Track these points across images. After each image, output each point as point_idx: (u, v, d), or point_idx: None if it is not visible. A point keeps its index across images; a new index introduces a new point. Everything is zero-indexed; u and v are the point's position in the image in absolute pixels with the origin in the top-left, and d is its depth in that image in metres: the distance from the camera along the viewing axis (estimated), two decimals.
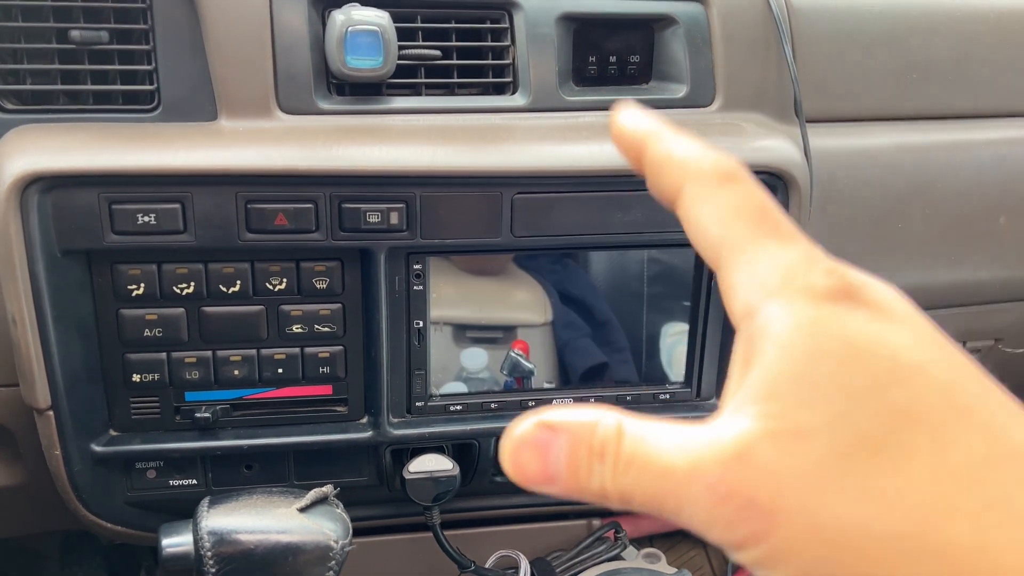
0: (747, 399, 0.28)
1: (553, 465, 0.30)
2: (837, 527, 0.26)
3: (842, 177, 0.94)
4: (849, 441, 0.26)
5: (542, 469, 0.30)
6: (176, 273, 0.79)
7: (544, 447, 0.30)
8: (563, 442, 0.30)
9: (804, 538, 0.26)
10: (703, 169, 0.32)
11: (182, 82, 0.79)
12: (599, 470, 0.30)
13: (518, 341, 0.92)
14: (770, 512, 0.27)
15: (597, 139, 0.81)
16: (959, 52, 0.98)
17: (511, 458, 0.31)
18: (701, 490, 0.27)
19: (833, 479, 0.26)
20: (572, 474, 0.30)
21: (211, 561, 0.69)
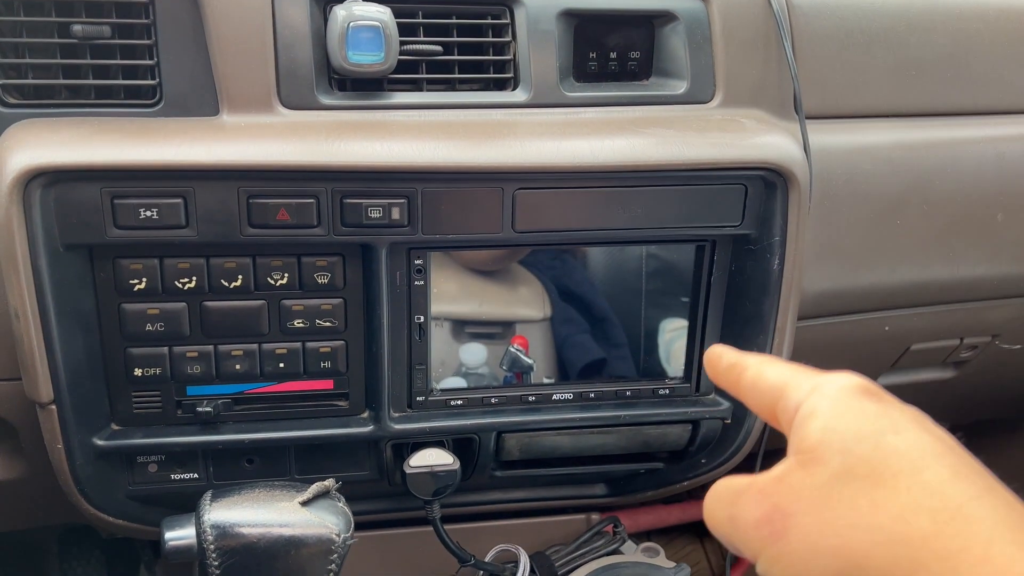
0: (792, 451, 0.41)
1: None
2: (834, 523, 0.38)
3: (841, 174, 0.94)
4: (840, 473, 0.39)
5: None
6: (178, 268, 0.80)
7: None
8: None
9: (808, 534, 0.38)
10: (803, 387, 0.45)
11: (184, 77, 0.79)
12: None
13: (517, 336, 0.92)
14: (789, 514, 0.39)
15: (598, 135, 0.82)
16: (957, 49, 0.98)
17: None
18: (751, 500, 0.41)
19: (829, 495, 0.39)
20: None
21: (214, 554, 0.70)
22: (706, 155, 0.82)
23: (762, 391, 0.46)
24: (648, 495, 1.10)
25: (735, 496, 0.42)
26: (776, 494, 0.40)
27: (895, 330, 1.08)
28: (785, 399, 0.44)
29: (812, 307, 1.00)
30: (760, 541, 0.40)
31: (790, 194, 0.84)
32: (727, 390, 0.50)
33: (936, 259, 1.02)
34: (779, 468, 0.41)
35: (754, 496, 0.40)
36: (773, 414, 0.46)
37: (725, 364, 0.50)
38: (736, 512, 0.41)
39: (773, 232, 0.86)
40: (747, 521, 0.40)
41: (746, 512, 0.40)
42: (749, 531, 0.40)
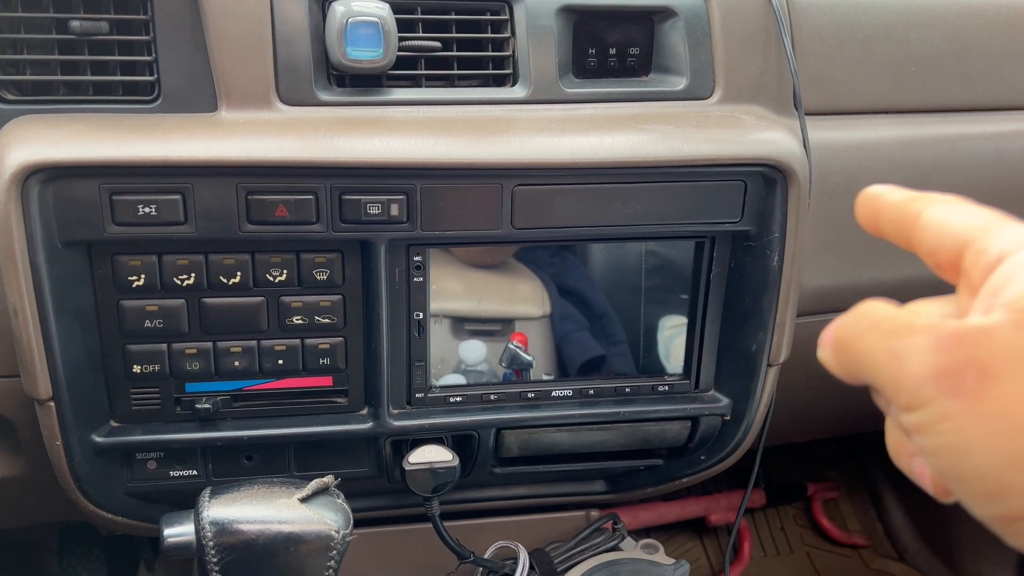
0: (999, 305, 0.34)
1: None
2: None
3: (840, 170, 0.94)
4: None
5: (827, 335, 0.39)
6: (177, 264, 0.79)
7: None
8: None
9: (1008, 402, 0.32)
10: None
11: (182, 73, 0.79)
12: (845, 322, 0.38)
13: (517, 333, 0.92)
14: (991, 374, 0.32)
15: (597, 131, 0.81)
16: (957, 45, 0.98)
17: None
18: (930, 341, 0.34)
19: None
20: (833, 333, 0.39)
21: (213, 551, 0.70)
22: (705, 151, 0.82)
23: (947, 232, 0.39)
24: (647, 492, 1.10)
25: (904, 329, 0.35)
26: (976, 346, 0.33)
27: None
28: (982, 243, 0.37)
29: (812, 303, 1.00)
30: (937, 391, 0.33)
31: (789, 190, 0.84)
32: (889, 233, 0.42)
33: None
34: (977, 319, 0.34)
35: (941, 340, 0.33)
36: (952, 262, 0.39)
37: (894, 201, 0.42)
38: (906, 349, 0.34)
39: (772, 228, 0.86)
40: (924, 364, 0.33)
41: (924, 355, 0.33)
42: (923, 376, 0.33)
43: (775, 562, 1.68)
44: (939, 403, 0.33)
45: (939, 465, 0.34)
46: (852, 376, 0.38)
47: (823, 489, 1.74)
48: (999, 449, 0.32)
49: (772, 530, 1.72)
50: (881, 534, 1.74)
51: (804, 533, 1.72)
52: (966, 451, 0.33)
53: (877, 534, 1.74)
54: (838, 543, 1.70)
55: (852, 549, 1.70)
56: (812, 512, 1.72)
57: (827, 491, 1.75)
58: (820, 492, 1.73)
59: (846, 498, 1.78)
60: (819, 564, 1.68)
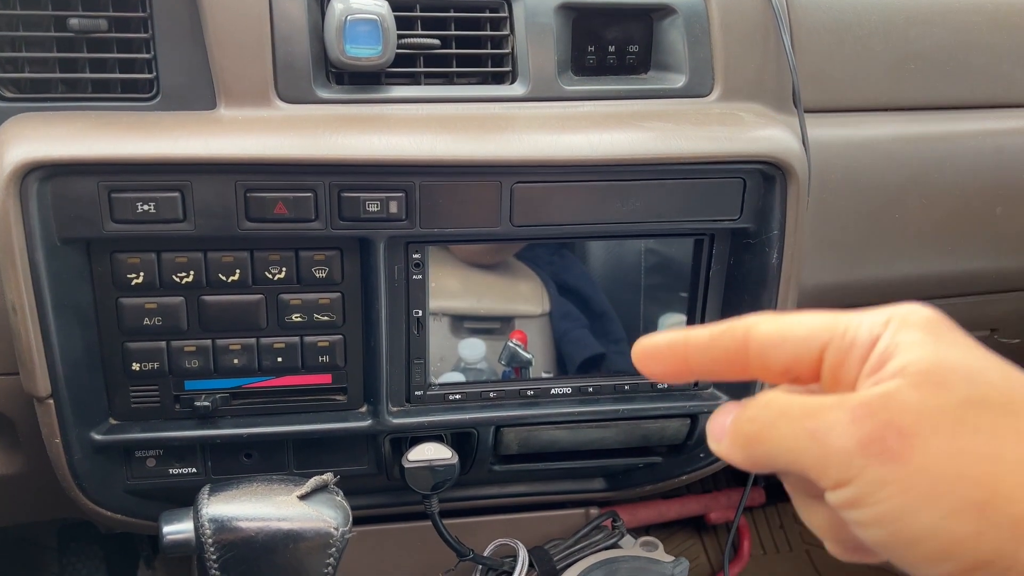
0: (888, 375, 0.35)
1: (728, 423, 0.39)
2: (972, 450, 0.33)
3: (840, 167, 0.94)
4: (969, 399, 0.34)
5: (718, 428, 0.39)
6: (175, 262, 0.79)
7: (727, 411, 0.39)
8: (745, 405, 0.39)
9: (939, 459, 0.33)
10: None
11: (181, 71, 0.79)
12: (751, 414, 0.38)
13: (516, 331, 0.92)
14: (905, 437, 0.33)
15: (596, 128, 0.81)
16: (956, 42, 0.98)
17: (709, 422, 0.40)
18: (843, 415, 0.34)
19: (962, 419, 0.33)
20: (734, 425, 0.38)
21: (212, 548, 0.70)
22: (704, 149, 0.82)
23: (798, 344, 0.38)
24: (647, 489, 1.10)
25: (816, 409, 0.35)
26: (887, 411, 0.34)
27: None
28: (845, 338, 0.37)
29: (810, 301, 1.00)
30: (865, 460, 0.33)
31: (788, 188, 0.84)
32: (711, 370, 0.41)
33: (934, 253, 1.01)
34: (879, 389, 0.35)
35: (855, 410, 0.34)
36: (812, 368, 0.38)
37: (701, 340, 0.41)
38: (824, 427, 0.35)
39: (772, 226, 0.86)
40: (845, 437, 0.34)
41: (843, 427, 0.34)
42: (848, 449, 0.34)
43: (774, 560, 1.68)
44: (870, 472, 0.33)
45: (882, 535, 0.34)
46: (763, 466, 0.37)
47: None
48: (942, 503, 0.32)
49: (772, 528, 1.72)
50: None
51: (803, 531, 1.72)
52: (911, 513, 0.33)
53: None
54: None
55: None
56: None
57: None
58: None
59: None
60: (819, 562, 1.68)
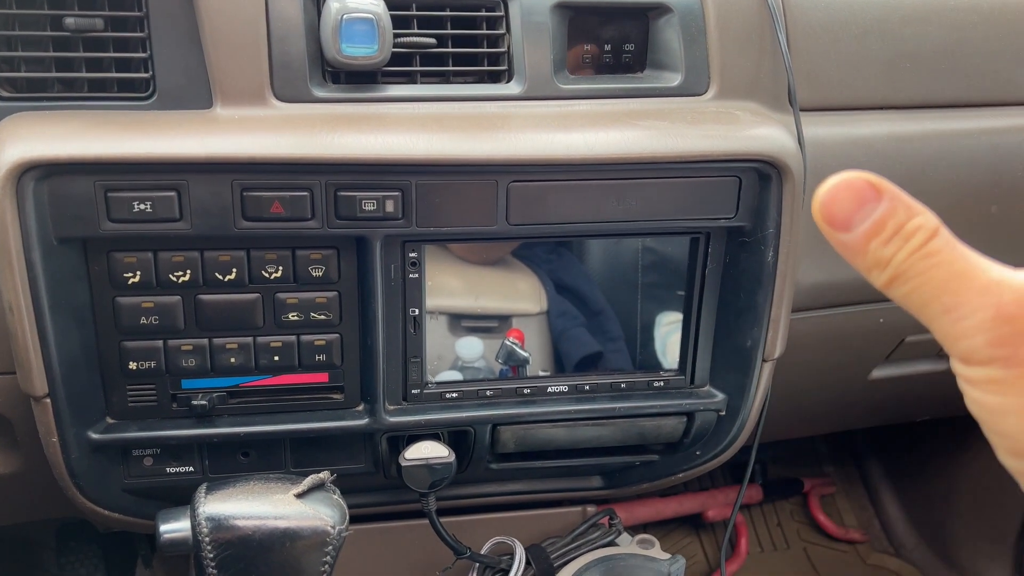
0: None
1: (859, 217, 0.34)
2: None
3: (835, 166, 0.94)
4: None
5: (847, 216, 0.34)
6: (172, 261, 0.79)
7: (863, 199, 0.34)
8: (882, 206, 0.34)
9: None
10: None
11: (177, 70, 0.79)
12: (897, 245, 0.34)
13: (513, 330, 0.92)
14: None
15: (592, 127, 0.82)
16: (952, 41, 0.98)
17: (827, 194, 0.35)
18: (989, 305, 0.32)
19: None
20: (869, 234, 0.34)
21: (209, 547, 0.70)
22: (700, 147, 0.82)
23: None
24: (643, 487, 1.10)
25: (963, 286, 0.33)
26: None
27: (889, 322, 1.09)
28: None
29: (806, 299, 1.00)
30: (992, 358, 0.32)
31: (784, 186, 0.85)
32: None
33: None
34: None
35: (998, 310, 0.32)
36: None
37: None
38: (963, 311, 0.32)
39: (767, 224, 0.86)
40: (980, 332, 0.32)
41: (979, 321, 0.32)
42: (980, 342, 0.32)
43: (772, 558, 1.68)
44: (990, 369, 0.33)
45: (976, 410, 0.35)
46: (888, 292, 0.35)
47: (819, 485, 1.74)
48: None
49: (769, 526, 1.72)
50: (878, 529, 1.75)
51: (801, 528, 1.73)
52: (1001, 413, 0.33)
53: (874, 529, 1.75)
54: (835, 538, 1.71)
55: (849, 544, 1.71)
56: (809, 508, 1.73)
57: (823, 487, 1.75)
58: (816, 488, 1.74)
59: (843, 494, 1.79)
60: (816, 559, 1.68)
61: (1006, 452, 0.35)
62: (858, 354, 1.15)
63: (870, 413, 1.40)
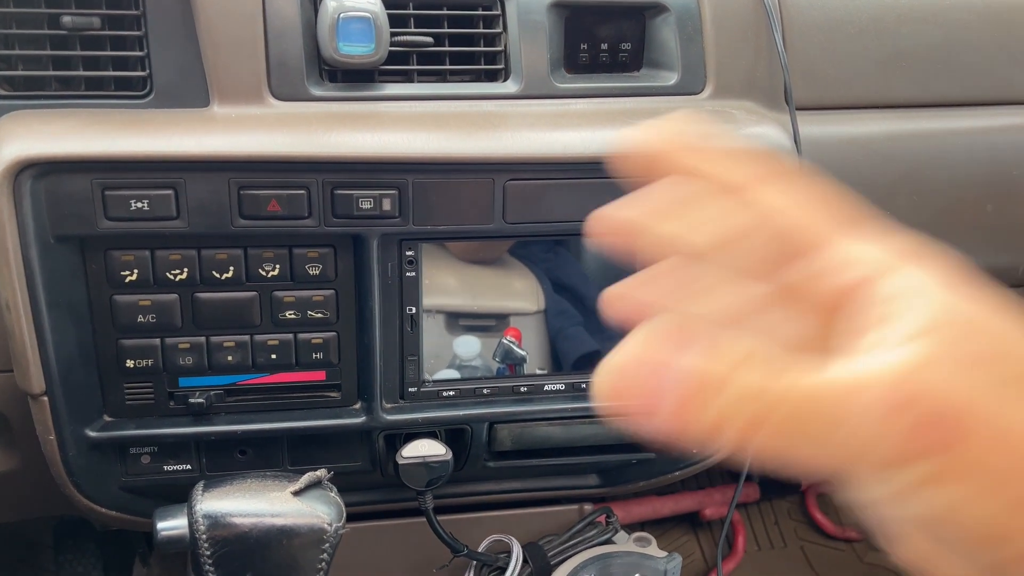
0: (906, 337, 0.28)
1: (658, 394, 0.28)
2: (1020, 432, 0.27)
3: (831, 165, 0.94)
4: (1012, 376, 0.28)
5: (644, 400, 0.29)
6: (169, 259, 0.80)
7: (654, 373, 0.29)
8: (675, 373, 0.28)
9: (999, 443, 0.27)
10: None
11: (174, 68, 0.79)
12: (717, 400, 0.28)
13: (510, 328, 0.92)
14: (958, 419, 0.27)
15: (588, 126, 0.82)
16: (948, 40, 0.99)
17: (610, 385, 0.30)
18: (870, 401, 0.27)
19: (1012, 399, 0.27)
20: (680, 405, 0.28)
21: (206, 544, 0.70)
22: None
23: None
24: (640, 485, 1.10)
25: (846, 397, 0.27)
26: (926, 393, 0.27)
27: None
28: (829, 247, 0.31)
29: None
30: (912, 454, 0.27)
31: None
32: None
33: None
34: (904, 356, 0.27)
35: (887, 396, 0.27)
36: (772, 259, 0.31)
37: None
38: (851, 419, 0.27)
39: None
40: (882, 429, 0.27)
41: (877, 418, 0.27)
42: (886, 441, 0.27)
43: (769, 556, 1.68)
44: (916, 466, 0.27)
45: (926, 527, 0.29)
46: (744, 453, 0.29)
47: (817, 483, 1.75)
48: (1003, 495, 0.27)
49: (766, 524, 1.73)
50: None
51: (798, 527, 1.73)
52: (967, 506, 0.28)
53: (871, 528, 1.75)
54: (832, 537, 1.71)
55: (846, 543, 1.71)
56: (806, 506, 1.73)
57: (821, 485, 1.75)
58: (814, 486, 1.74)
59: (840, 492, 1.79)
60: (813, 558, 1.68)
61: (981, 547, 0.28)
62: None
63: None
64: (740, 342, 0.29)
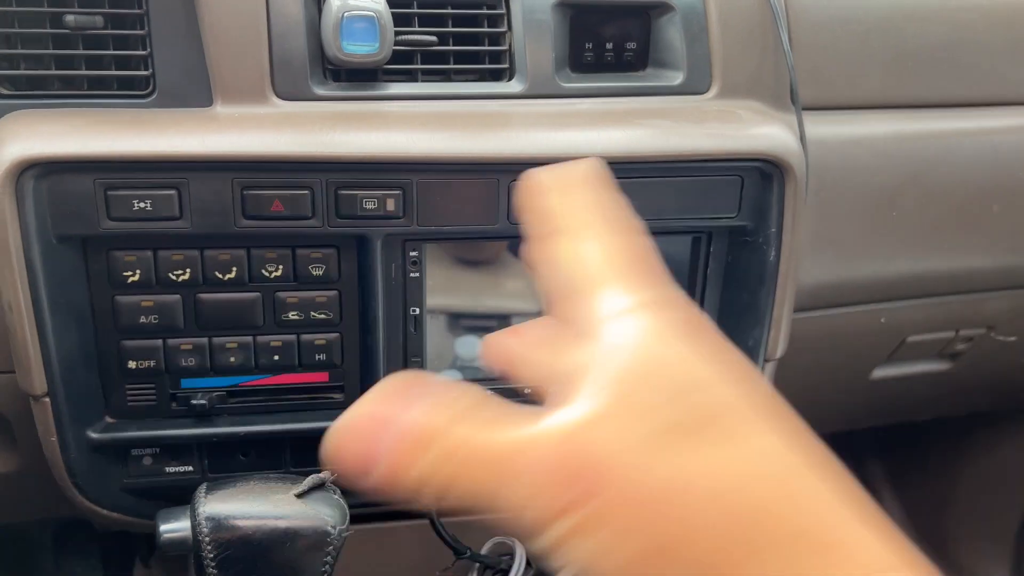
0: (586, 393, 0.31)
1: (374, 454, 0.32)
2: (662, 485, 0.29)
3: (837, 165, 0.94)
4: (670, 424, 0.30)
5: (358, 461, 0.32)
6: (172, 260, 0.79)
7: (369, 436, 0.32)
8: (391, 432, 0.32)
9: (631, 495, 0.29)
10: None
11: (177, 68, 0.79)
12: (422, 460, 0.31)
13: None
14: (599, 474, 0.29)
15: (593, 126, 0.81)
16: (954, 40, 0.98)
17: (332, 448, 0.33)
18: (529, 463, 0.30)
19: (659, 448, 0.30)
20: (391, 464, 0.31)
21: (209, 547, 0.69)
22: (702, 146, 0.81)
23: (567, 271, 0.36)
24: None
25: (505, 456, 0.30)
26: (576, 454, 0.30)
27: (891, 322, 1.08)
28: (591, 299, 0.34)
29: (808, 299, 1.00)
30: (560, 509, 0.30)
31: (786, 185, 0.84)
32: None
33: (932, 250, 1.01)
34: (565, 416, 0.30)
35: (544, 456, 0.30)
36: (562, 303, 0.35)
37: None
38: (514, 478, 0.30)
39: (769, 223, 0.86)
40: (537, 486, 0.30)
41: (535, 476, 0.30)
42: (541, 498, 0.30)
43: None
44: (565, 520, 0.30)
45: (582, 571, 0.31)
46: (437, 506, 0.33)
47: None
48: (630, 546, 0.29)
49: None
50: None
51: None
52: (602, 556, 0.30)
53: None
54: None
55: None
56: None
57: None
58: None
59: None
60: None
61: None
62: (859, 354, 1.15)
63: (871, 413, 1.40)
64: (468, 395, 0.33)
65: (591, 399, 0.31)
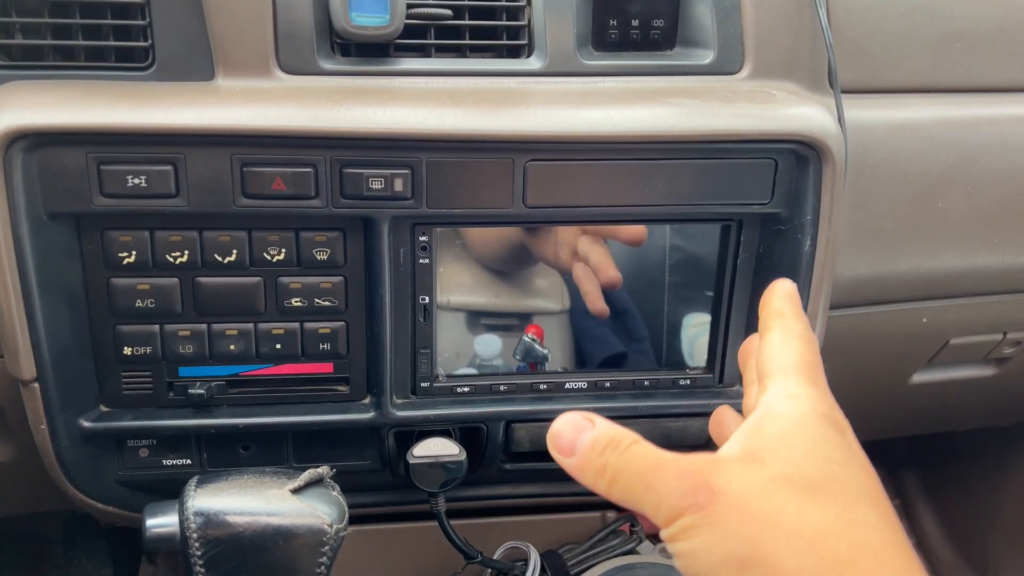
0: (736, 439, 0.49)
1: (579, 441, 0.50)
2: (762, 508, 0.44)
3: (879, 151, 0.88)
4: (793, 475, 0.45)
5: (570, 443, 0.50)
6: (169, 241, 0.75)
7: (579, 428, 0.50)
8: (596, 429, 0.50)
9: (732, 512, 0.44)
10: None
11: (178, 39, 0.75)
12: (609, 453, 0.49)
13: (532, 325, 0.87)
14: (715, 492, 0.45)
15: (617, 104, 0.76)
16: (1005, 21, 0.92)
17: (554, 431, 0.51)
18: (671, 472, 0.46)
19: (776, 488, 0.44)
20: (588, 451, 0.49)
21: (196, 544, 0.65)
22: (733, 126, 0.76)
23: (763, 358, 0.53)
24: None
25: (655, 466, 0.47)
26: (705, 473, 0.45)
27: (933, 322, 1.02)
28: (768, 381, 0.51)
29: (845, 295, 0.94)
30: (682, 509, 0.45)
31: (824, 170, 0.78)
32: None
33: (979, 245, 0.95)
34: (722, 452, 0.47)
35: (682, 471, 0.46)
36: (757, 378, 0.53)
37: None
38: (657, 481, 0.46)
39: (805, 211, 0.80)
40: (671, 490, 0.45)
41: (670, 483, 0.45)
42: (671, 498, 0.45)
43: None
44: (683, 519, 0.45)
45: (681, 565, 0.46)
46: (608, 495, 0.48)
47: None
48: (718, 551, 0.43)
49: None
50: (914, 545, 1.67)
51: None
52: (696, 554, 0.44)
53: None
54: None
55: None
56: None
57: None
58: None
59: None
60: None
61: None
62: (898, 356, 1.08)
63: (908, 421, 1.33)
64: (630, 432, 0.50)
65: (739, 443, 0.48)
